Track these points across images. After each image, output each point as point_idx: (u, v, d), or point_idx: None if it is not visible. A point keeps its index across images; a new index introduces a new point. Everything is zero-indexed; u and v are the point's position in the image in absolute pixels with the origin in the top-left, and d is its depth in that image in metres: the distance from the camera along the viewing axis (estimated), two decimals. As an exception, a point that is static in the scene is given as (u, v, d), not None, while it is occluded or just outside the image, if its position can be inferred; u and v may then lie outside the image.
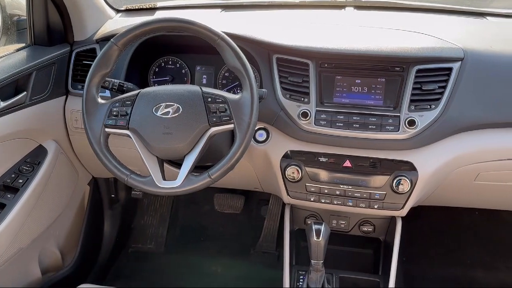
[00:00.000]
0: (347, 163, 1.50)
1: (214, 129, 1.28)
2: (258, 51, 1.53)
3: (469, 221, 2.36)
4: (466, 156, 1.48)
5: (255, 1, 2.07)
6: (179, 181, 1.27)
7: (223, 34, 1.28)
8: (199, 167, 1.39)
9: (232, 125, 1.28)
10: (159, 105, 1.29)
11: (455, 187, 1.62)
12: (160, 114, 1.28)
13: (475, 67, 1.45)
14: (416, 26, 1.64)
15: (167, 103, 1.29)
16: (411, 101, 1.43)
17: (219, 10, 1.98)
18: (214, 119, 1.27)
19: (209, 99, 1.29)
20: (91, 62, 1.40)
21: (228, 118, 1.28)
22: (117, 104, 1.31)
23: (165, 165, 1.59)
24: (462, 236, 2.36)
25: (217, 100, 1.29)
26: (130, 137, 1.30)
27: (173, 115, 1.28)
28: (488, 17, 1.87)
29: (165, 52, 1.74)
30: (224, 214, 2.48)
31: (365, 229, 1.72)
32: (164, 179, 1.30)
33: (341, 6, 1.99)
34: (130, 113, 1.30)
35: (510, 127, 1.46)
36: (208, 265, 2.31)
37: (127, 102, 1.31)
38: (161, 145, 1.28)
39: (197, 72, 1.72)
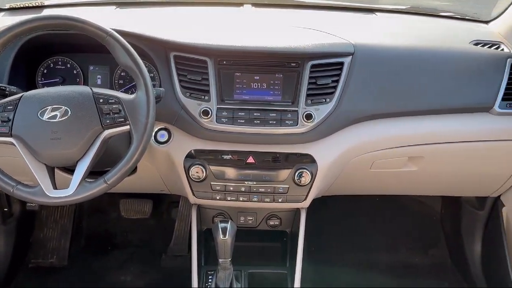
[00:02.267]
0: (251, 159, 1.51)
1: (108, 132, 1.22)
2: (155, 49, 1.48)
3: (371, 207, 2.50)
4: (361, 146, 1.56)
5: (151, -2, 2.02)
6: (71, 189, 1.19)
7: (112, 31, 1.22)
8: (97, 173, 1.32)
9: (127, 127, 1.22)
10: (44, 108, 1.20)
11: (354, 176, 1.69)
12: (47, 118, 1.19)
13: (365, 61, 1.52)
14: (310, 23, 1.70)
15: (54, 106, 1.20)
16: (308, 95, 1.47)
17: (114, 7, 1.90)
18: (108, 121, 1.21)
19: (101, 100, 1.22)
20: None
21: (123, 119, 1.22)
22: None
23: (60, 172, 1.50)
24: (366, 222, 2.50)
25: (110, 101, 1.22)
26: (14, 145, 1.20)
27: (61, 119, 1.19)
28: (377, 13, 1.97)
29: (55, 52, 1.63)
30: (132, 220, 2.39)
31: (272, 223, 1.74)
32: (55, 188, 1.21)
33: (239, 4, 1.99)
34: (13, 118, 1.20)
35: (398, 117, 1.56)
36: (117, 275, 2.21)
37: (8, 107, 1.21)
38: (49, 151, 1.19)
39: (90, 72, 1.63)
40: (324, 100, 1.47)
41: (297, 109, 1.46)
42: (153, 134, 1.50)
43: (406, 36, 1.67)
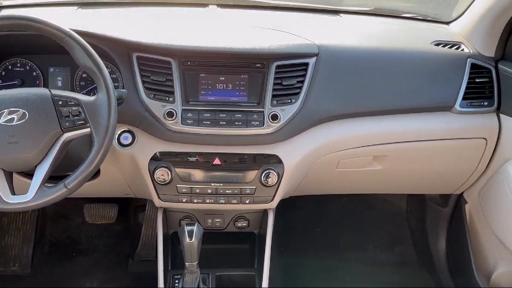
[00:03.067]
0: (217, 161, 1.50)
1: (68, 135, 1.19)
2: (117, 50, 1.45)
3: (338, 207, 2.52)
4: (327, 145, 1.57)
5: (114, -1, 1.97)
6: (30, 195, 1.16)
7: (71, 31, 1.19)
8: (59, 178, 1.28)
9: (88, 129, 1.20)
10: (1, 111, 1.16)
11: (320, 176, 1.70)
12: (3, 122, 1.15)
13: (329, 61, 1.53)
14: (275, 24, 1.70)
15: (11, 109, 1.16)
16: (273, 96, 1.47)
17: (75, 7, 1.85)
18: (67, 124, 1.18)
19: (60, 102, 1.19)
20: None
21: (83, 122, 1.19)
22: None
23: (19, 177, 1.45)
24: (334, 221, 2.52)
25: (70, 103, 1.19)
26: None
27: (18, 122, 1.15)
28: (341, 14, 2.00)
29: (14, 53, 1.57)
30: (97, 225, 2.34)
31: (240, 224, 1.73)
32: (13, 193, 1.17)
33: (204, 4, 1.98)
34: None
35: (363, 117, 1.58)
36: (83, 281, 2.16)
37: None
38: (6, 156, 1.15)
39: (50, 74, 1.59)
40: (289, 100, 1.47)
41: (263, 109, 1.46)
42: (116, 136, 1.47)
43: (369, 37, 1.70)
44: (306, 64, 1.49)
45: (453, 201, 2.05)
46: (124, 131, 1.48)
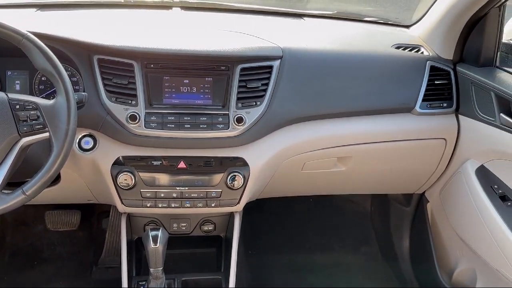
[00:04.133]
0: (182, 164, 1.48)
1: (26, 140, 1.15)
2: (77, 52, 1.42)
3: (305, 208, 2.54)
4: (292, 147, 1.58)
5: (76, 1, 1.93)
6: (-14, 202, 1.11)
7: (29, 33, 1.16)
8: (18, 184, 1.23)
9: (47, 134, 1.16)
10: None
11: (286, 178, 1.71)
12: None
13: (293, 64, 1.54)
14: (239, 26, 1.70)
15: None
16: (238, 99, 1.47)
17: (34, 9, 1.80)
18: (25, 128, 1.14)
19: (17, 106, 1.15)
20: None
21: (41, 126, 1.16)
22: None
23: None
24: (301, 223, 2.53)
25: (27, 107, 1.15)
26: None
27: None
28: (305, 18, 2.02)
29: None
30: (59, 232, 2.27)
31: (206, 228, 1.72)
32: None
33: (167, 7, 1.96)
34: None
35: (327, 118, 1.60)
36: (45, 290, 2.09)
37: None
38: None
39: (8, 77, 1.53)
40: (254, 103, 1.47)
41: (228, 112, 1.46)
42: (77, 141, 1.43)
43: (332, 40, 1.72)
44: (271, 67, 1.50)
45: (416, 201, 2.09)
46: (85, 135, 1.45)
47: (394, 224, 2.28)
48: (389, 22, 2.04)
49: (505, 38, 1.64)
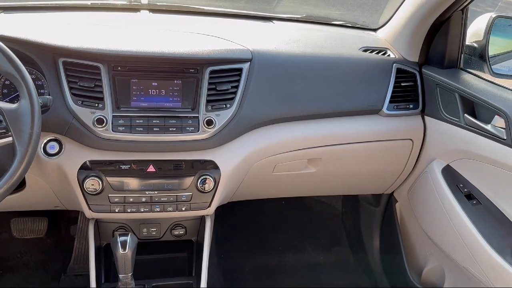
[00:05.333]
0: (151, 168, 1.46)
1: None
2: (41, 55, 1.39)
3: (277, 210, 2.55)
4: (262, 150, 1.58)
5: (41, 3, 1.88)
6: None
7: None
8: None
9: (10, 139, 1.13)
10: None
11: (258, 180, 1.71)
12: None
13: (263, 67, 1.55)
14: (208, 29, 1.69)
15: None
16: (208, 101, 1.46)
17: (-2, 12, 1.75)
18: None
19: None
20: None
21: (4, 130, 1.13)
22: None
23: None
24: (273, 225, 2.54)
25: None
26: None
27: None
28: (274, 21, 2.03)
29: None
30: (26, 240, 2.21)
31: (177, 232, 1.70)
32: None
33: (135, 9, 1.94)
34: None
35: (297, 120, 1.61)
36: (11, 300, 2.03)
37: None
38: None
39: None
40: (224, 105, 1.47)
41: (197, 115, 1.45)
42: (41, 145, 1.40)
43: (301, 43, 1.73)
44: (240, 70, 1.50)
45: (385, 201, 2.13)
46: (50, 140, 1.41)
47: (365, 224, 2.31)
48: (357, 26, 2.07)
49: (468, 41, 1.69)
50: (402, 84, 1.71)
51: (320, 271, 2.36)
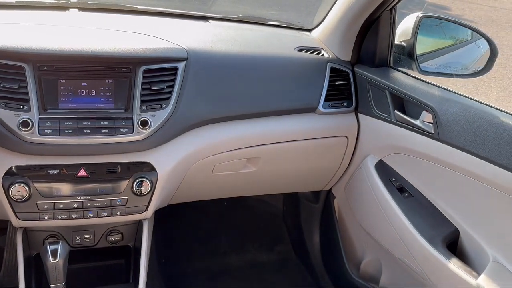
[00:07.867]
0: (82, 172, 1.40)
1: None
2: None
3: (219, 211, 2.53)
4: (201, 150, 1.56)
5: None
6: None
7: None
8: None
9: None
10: None
11: (197, 182, 1.69)
12: None
13: (199, 66, 1.53)
14: (142, 28, 1.65)
15: None
16: (142, 101, 1.42)
17: None
18: None
19: None
20: None
21: None
22: None
23: None
24: (215, 227, 2.52)
25: None
26: None
27: None
28: (210, 21, 2.01)
29: None
30: None
31: (113, 238, 1.64)
32: None
33: (64, 8, 1.85)
34: None
35: (235, 120, 1.60)
36: None
37: None
38: None
39: None
40: (160, 105, 1.44)
41: (131, 116, 1.41)
42: (-41, 151, 1.30)
43: (237, 42, 1.73)
44: (176, 69, 1.47)
45: (324, 197, 2.17)
46: (-31, 146, 1.32)
47: (305, 221, 2.34)
48: (292, 26, 2.10)
49: (397, 40, 1.75)
50: (336, 82, 1.75)
51: (263, 270, 2.37)
